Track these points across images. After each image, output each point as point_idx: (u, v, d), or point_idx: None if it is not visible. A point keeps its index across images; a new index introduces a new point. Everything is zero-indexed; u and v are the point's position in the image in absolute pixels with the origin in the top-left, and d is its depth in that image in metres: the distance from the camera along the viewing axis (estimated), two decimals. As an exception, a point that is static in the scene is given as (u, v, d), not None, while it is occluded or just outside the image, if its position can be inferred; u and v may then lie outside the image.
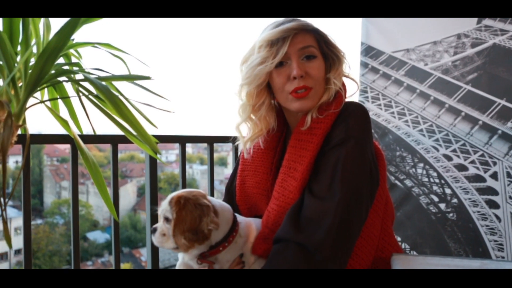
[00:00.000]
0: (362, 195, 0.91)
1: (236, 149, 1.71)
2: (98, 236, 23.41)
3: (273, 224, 0.95)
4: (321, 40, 1.00)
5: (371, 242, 0.98)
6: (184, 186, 1.63)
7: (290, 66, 0.96)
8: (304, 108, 0.98)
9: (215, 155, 1.78)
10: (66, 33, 0.89)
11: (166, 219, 0.91)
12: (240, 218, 1.00)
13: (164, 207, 0.92)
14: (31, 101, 1.15)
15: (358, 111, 0.95)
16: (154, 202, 1.51)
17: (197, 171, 29.85)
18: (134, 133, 1.09)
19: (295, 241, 0.86)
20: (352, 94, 1.04)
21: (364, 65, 2.34)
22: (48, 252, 21.34)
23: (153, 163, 1.53)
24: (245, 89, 1.02)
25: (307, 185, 0.93)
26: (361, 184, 0.90)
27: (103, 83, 1.02)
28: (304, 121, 0.98)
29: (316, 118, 0.96)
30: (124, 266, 20.84)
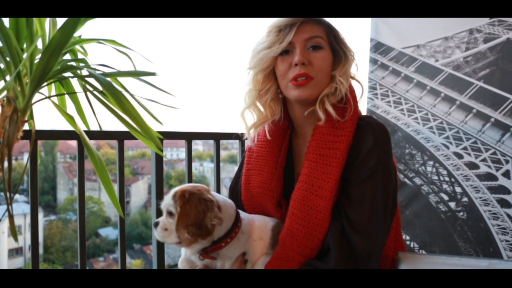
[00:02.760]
0: (392, 217, 0.95)
1: (242, 145, 1.71)
2: (110, 233, 23.69)
3: (300, 246, 0.91)
4: (331, 34, 0.99)
5: (385, 254, 0.99)
6: (190, 182, 1.63)
7: (295, 54, 0.96)
8: (301, 97, 0.97)
9: (226, 152, 1.78)
10: (69, 28, 0.90)
11: (169, 214, 0.91)
12: (243, 214, 1.00)
13: (167, 201, 0.92)
14: (38, 97, 1.16)
15: (383, 134, 0.94)
16: (161, 198, 1.52)
17: (207, 168, 29.95)
18: (138, 128, 1.09)
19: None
20: (360, 98, 1.02)
21: (373, 61, 2.31)
22: (61, 247, 21.72)
23: (159, 159, 1.54)
24: (251, 74, 1.03)
25: (342, 210, 0.91)
26: (393, 210, 0.95)
27: (107, 78, 1.03)
28: (318, 132, 0.96)
29: (333, 129, 0.95)
30: (135, 262, 21.09)
